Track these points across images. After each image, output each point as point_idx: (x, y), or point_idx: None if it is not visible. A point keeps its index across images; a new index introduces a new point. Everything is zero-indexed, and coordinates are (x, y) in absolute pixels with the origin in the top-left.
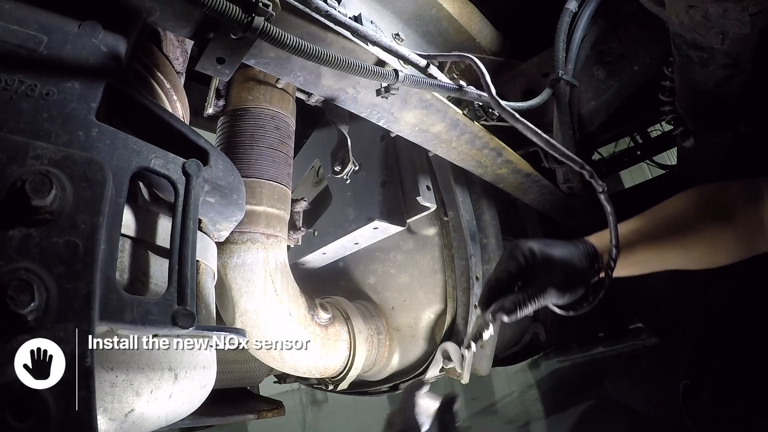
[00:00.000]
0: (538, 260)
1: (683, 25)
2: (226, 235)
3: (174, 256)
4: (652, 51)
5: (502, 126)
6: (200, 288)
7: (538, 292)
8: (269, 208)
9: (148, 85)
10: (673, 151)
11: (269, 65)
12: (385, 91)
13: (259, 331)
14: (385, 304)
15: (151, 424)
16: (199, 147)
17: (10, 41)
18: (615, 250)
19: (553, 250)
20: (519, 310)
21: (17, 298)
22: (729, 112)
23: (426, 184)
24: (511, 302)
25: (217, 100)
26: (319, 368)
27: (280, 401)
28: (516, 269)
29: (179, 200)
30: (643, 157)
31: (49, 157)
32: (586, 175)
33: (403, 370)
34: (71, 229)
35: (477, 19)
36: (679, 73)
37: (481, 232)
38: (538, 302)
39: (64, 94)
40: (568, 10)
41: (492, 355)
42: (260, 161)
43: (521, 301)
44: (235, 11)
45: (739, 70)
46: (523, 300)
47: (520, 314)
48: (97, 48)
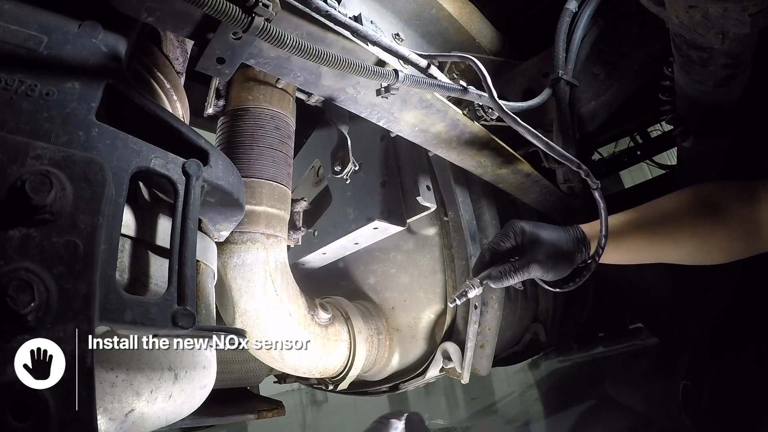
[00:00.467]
0: (526, 238)
1: (683, 25)
2: (226, 235)
3: (174, 256)
4: (652, 51)
5: (502, 126)
6: (200, 288)
7: (523, 266)
8: (269, 208)
9: (148, 85)
10: (673, 151)
11: (269, 65)
12: (385, 91)
13: (259, 331)
14: (385, 304)
15: (151, 424)
16: (199, 147)
17: (10, 41)
18: (604, 239)
19: (542, 231)
20: (504, 278)
21: (17, 298)
22: (729, 112)
23: (426, 184)
24: (498, 271)
25: (217, 100)
26: (319, 368)
27: (280, 401)
28: (507, 243)
29: (179, 200)
30: (643, 157)
31: (49, 157)
32: (582, 173)
33: (403, 370)
34: (71, 229)
35: (477, 19)
36: (679, 73)
37: (481, 232)
38: (522, 274)
39: (64, 94)
40: (568, 10)
41: (492, 355)
42: (260, 161)
43: (507, 271)
44: (235, 11)
45: (739, 70)
46: (509, 271)
47: (505, 283)
48: (97, 48)
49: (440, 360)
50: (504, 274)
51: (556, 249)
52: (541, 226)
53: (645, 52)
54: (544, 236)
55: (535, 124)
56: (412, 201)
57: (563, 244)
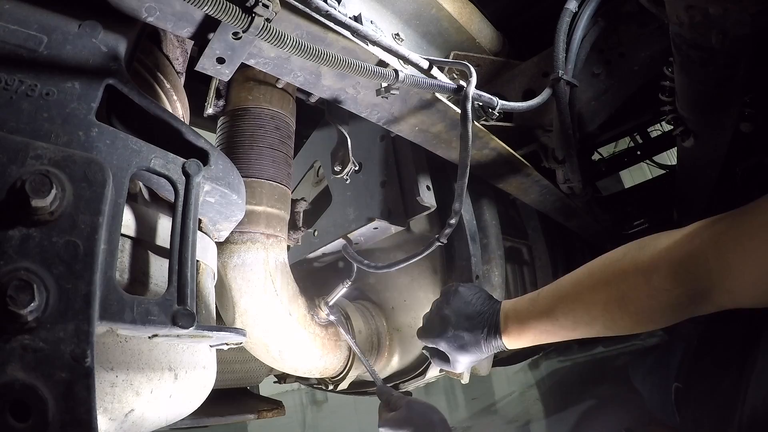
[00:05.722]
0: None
1: (683, 25)
2: (226, 235)
3: (174, 256)
4: (652, 51)
5: (502, 126)
6: (200, 288)
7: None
8: (269, 208)
9: (148, 85)
10: (673, 151)
11: (269, 65)
12: (385, 91)
13: (259, 331)
14: (385, 304)
15: (151, 424)
16: (199, 147)
17: (10, 41)
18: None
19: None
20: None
21: (17, 298)
22: (729, 112)
23: (426, 184)
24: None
25: (217, 100)
26: (319, 368)
27: (280, 401)
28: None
29: (179, 200)
30: (643, 157)
31: (49, 157)
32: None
33: (403, 370)
34: (71, 229)
35: (477, 19)
36: (679, 73)
37: (481, 232)
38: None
39: (64, 94)
40: (568, 10)
41: (492, 356)
42: (260, 161)
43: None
44: (235, 11)
45: (739, 70)
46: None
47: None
48: (97, 48)
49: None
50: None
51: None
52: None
53: (645, 52)
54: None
55: (536, 124)
56: (412, 201)
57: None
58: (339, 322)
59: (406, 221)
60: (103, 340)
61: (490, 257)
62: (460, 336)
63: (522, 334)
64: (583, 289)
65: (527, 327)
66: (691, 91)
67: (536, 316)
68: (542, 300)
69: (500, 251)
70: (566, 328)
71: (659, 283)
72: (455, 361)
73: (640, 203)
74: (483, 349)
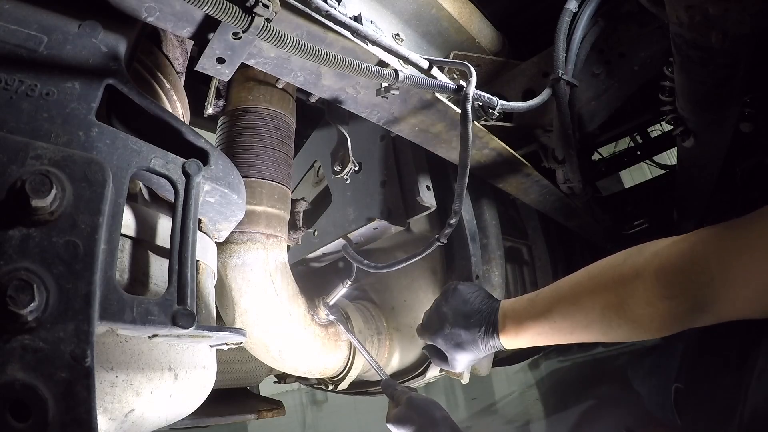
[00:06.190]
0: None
1: (683, 25)
2: (226, 235)
3: (174, 256)
4: (652, 51)
5: (502, 126)
6: (200, 288)
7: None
8: (269, 208)
9: (148, 85)
10: (673, 151)
11: (269, 65)
12: (385, 91)
13: (259, 331)
14: (385, 305)
15: (151, 424)
16: (199, 147)
17: (10, 41)
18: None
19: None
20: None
21: (17, 298)
22: (729, 112)
23: (426, 184)
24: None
25: (217, 100)
26: (319, 368)
27: (280, 401)
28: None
29: (179, 200)
30: (643, 157)
31: (49, 157)
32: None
33: (403, 370)
34: (71, 229)
35: (477, 19)
36: (679, 73)
37: (481, 232)
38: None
39: (64, 94)
40: (568, 10)
41: (492, 355)
42: (260, 161)
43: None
44: (235, 11)
45: (739, 70)
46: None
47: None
48: (97, 48)
49: None
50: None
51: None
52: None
53: (645, 52)
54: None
55: (535, 124)
56: (412, 201)
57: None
58: (339, 320)
59: (406, 221)
60: (103, 340)
61: (490, 257)
62: (457, 334)
63: (519, 335)
64: (581, 292)
65: (524, 327)
66: (691, 91)
67: (534, 317)
68: (541, 301)
69: (500, 251)
70: (563, 331)
71: (659, 290)
72: (453, 360)
73: (640, 203)
74: (480, 347)
